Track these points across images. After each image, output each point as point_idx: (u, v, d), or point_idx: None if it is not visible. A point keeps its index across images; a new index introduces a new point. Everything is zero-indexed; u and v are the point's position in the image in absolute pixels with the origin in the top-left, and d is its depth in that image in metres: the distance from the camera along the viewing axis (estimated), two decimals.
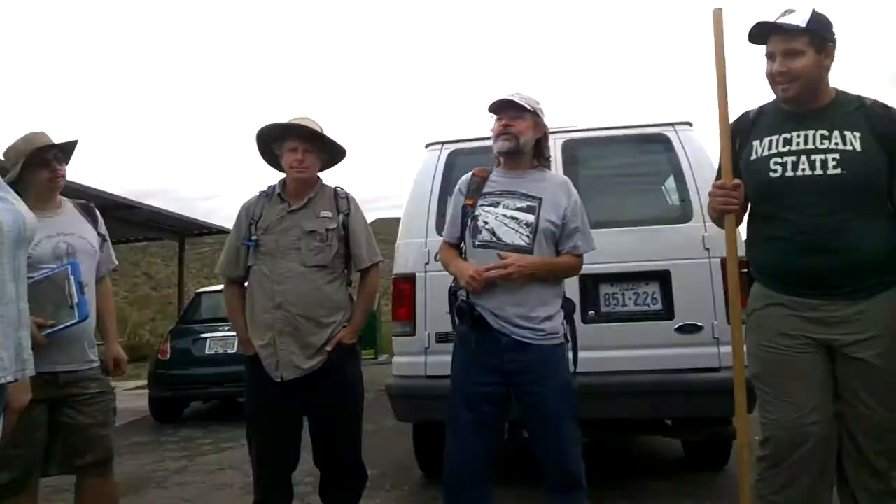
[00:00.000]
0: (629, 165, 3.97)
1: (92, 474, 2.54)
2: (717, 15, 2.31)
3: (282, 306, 2.68)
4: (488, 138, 2.66)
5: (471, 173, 2.70)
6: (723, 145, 2.31)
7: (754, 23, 2.18)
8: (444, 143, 3.88)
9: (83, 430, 2.49)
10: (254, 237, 2.77)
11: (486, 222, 2.52)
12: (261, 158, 2.95)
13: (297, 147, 2.75)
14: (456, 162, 3.76)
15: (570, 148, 3.79)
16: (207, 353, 7.28)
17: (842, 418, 2.14)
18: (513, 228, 2.48)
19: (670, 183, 3.80)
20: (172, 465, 5.38)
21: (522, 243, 2.46)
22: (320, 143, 2.84)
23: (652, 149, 3.82)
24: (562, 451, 2.42)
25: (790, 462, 2.11)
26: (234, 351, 6.64)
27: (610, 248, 3.49)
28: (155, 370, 7.49)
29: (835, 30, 2.16)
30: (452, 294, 2.58)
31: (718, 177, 2.37)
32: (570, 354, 2.58)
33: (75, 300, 2.38)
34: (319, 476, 2.87)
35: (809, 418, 2.10)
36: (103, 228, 2.77)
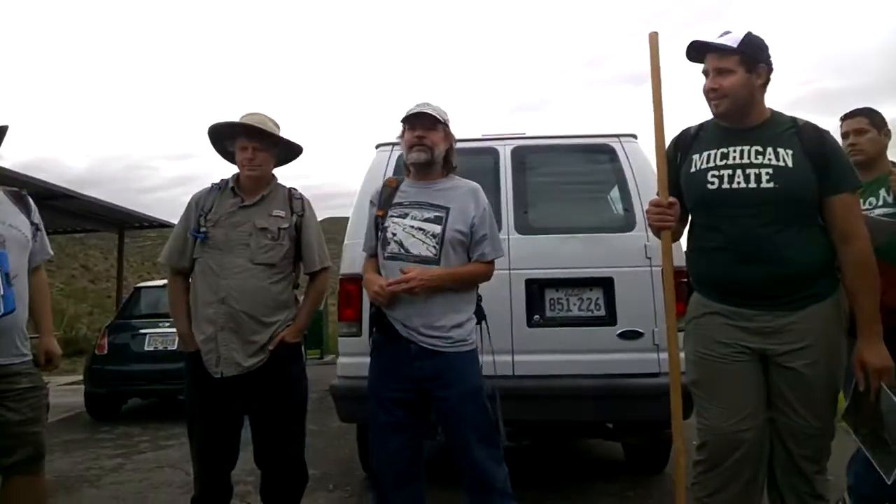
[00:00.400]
0: (576, 174, 4.05)
1: (21, 472, 2.44)
2: (653, 39, 2.40)
3: (225, 301, 2.65)
4: None
5: (382, 184, 2.76)
6: (659, 162, 2.38)
7: (690, 41, 2.29)
8: (394, 144, 3.85)
9: (12, 427, 2.39)
10: (203, 229, 2.72)
11: (394, 234, 2.57)
12: (215, 153, 2.94)
13: (247, 146, 2.73)
14: None
15: (519, 154, 3.85)
16: (147, 349, 7.07)
17: (773, 424, 2.23)
18: (419, 239, 2.53)
19: (615, 193, 3.89)
20: (108, 463, 5.21)
21: (429, 254, 2.51)
22: (271, 142, 2.81)
23: (598, 159, 3.90)
24: (473, 455, 2.48)
25: (725, 467, 2.19)
26: (174, 348, 6.49)
27: (556, 254, 3.57)
28: (91, 365, 7.22)
29: (770, 53, 2.25)
30: (372, 303, 2.64)
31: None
32: (487, 358, 2.67)
33: (1, 292, 2.29)
34: (261, 475, 2.85)
35: (743, 424, 2.19)
36: (37, 217, 2.67)
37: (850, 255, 2.17)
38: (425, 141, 2.58)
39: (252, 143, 2.73)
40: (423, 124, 2.59)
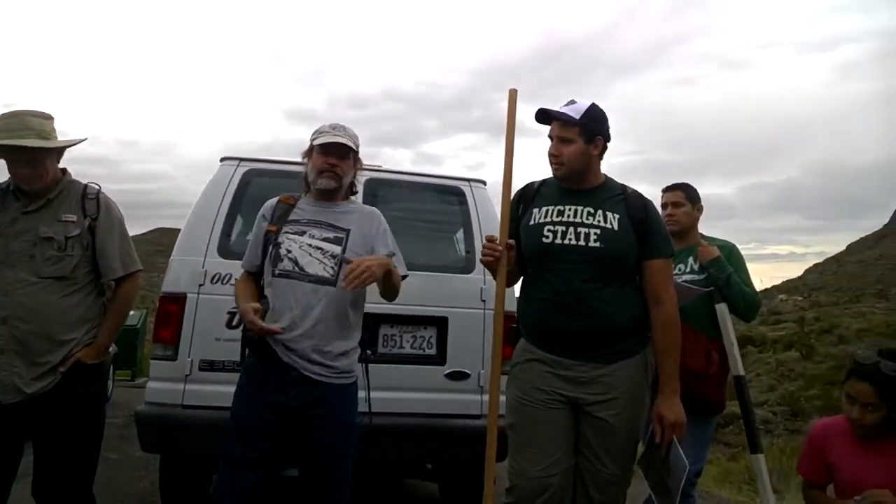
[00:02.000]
0: (425, 212, 4.11)
1: None
2: (512, 94, 2.54)
3: (7, 321, 2.32)
4: (290, 162, 2.56)
5: (276, 199, 2.60)
6: (503, 207, 2.52)
7: (538, 108, 2.44)
8: (241, 159, 3.67)
9: None
10: None
11: (288, 251, 2.43)
12: None
13: (17, 159, 2.36)
14: (251, 181, 3.57)
15: (371, 186, 3.82)
16: None
17: (577, 471, 2.35)
18: (317, 259, 2.42)
19: (460, 234, 3.98)
20: None
21: (326, 274, 2.41)
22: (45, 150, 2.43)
23: (448, 200, 3.98)
24: (333, 494, 2.39)
25: None
26: None
27: None
28: None
29: (608, 125, 2.45)
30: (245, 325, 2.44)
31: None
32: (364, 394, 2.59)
33: None
34: None
35: (551, 470, 2.28)
36: None
37: (659, 316, 2.36)
38: (337, 169, 2.48)
39: (22, 157, 2.35)
40: (337, 152, 2.49)
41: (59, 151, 2.50)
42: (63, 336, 2.40)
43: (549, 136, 2.44)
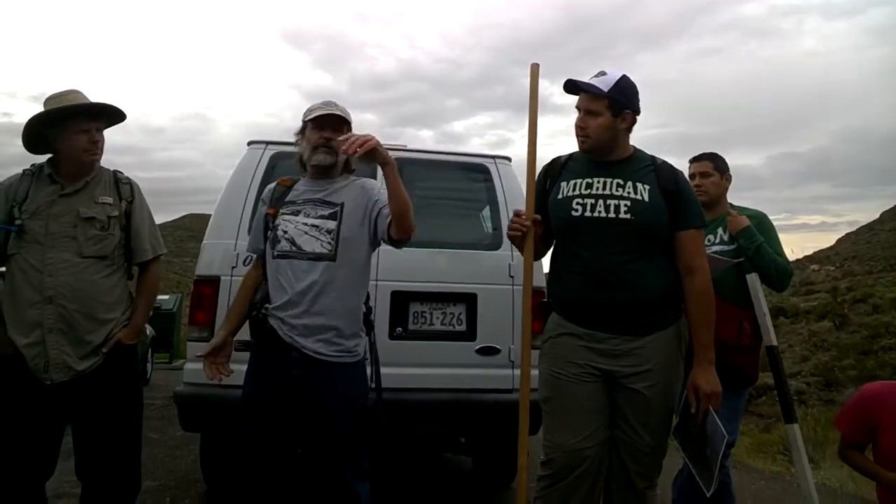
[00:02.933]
0: (451, 190, 4.11)
1: None
2: (534, 69, 2.52)
3: (53, 300, 2.39)
4: None
5: (275, 183, 2.64)
6: (529, 182, 2.52)
7: (566, 79, 2.42)
8: (268, 143, 3.72)
9: None
10: (18, 221, 2.42)
11: (285, 231, 2.45)
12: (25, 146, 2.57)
13: (89, 128, 2.48)
14: (278, 164, 3.61)
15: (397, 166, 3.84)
16: None
17: (613, 442, 2.36)
18: (314, 236, 2.44)
19: (486, 212, 3.99)
20: None
21: (324, 251, 2.42)
22: (109, 118, 2.60)
23: (473, 177, 3.99)
24: (343, 473, 2.40)
25: (566, 482, 2.29)
26: None
27: (424, 268, 3.59)
28: None
29: (637, 99, 2.42)
30: (252, 305, 2.50)
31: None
32: (370, 370, 2.58)
33: None
34: (82, 488, 2.56)
35: (587, 442, 2.29)
36: None
37: (693, 287, 2.35)
38: (332, 143, 2.47)
39: (95, 124, 2.49)
40: (331, 125, 2.49)
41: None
42: (104, 315, 2.48)
43: (577, 108, 2.42)
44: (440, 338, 3.54)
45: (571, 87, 2.42)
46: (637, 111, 2.42)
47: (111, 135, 2.76)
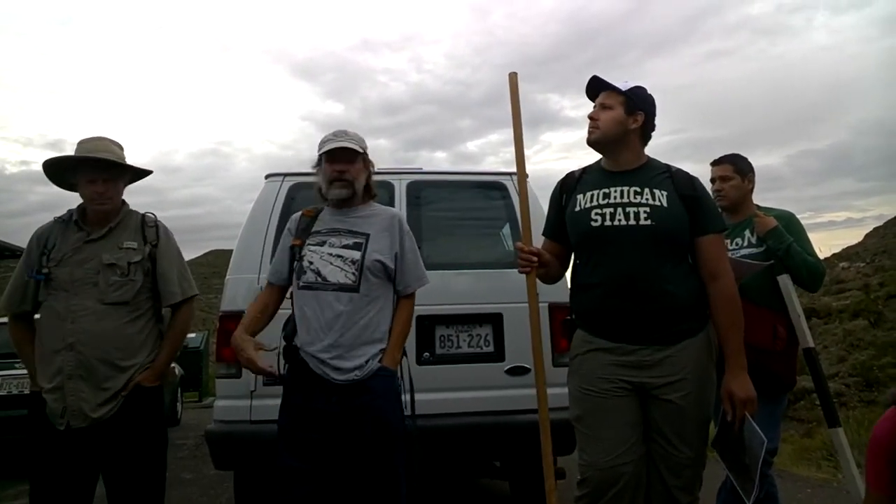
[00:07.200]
0: (470, 210, 4.10)
1: None
2: (513, 79, 2.51)
3: (74, 347, 2.41)
4: None
5: (300, 213, 2.64)
6: (522, 205, 2.50)
7: (590, 77, 2.47)
8: (285, 175, 3.75)
9: None
10: (44, 269, 2.46)
11: (311, 262, 2.45)
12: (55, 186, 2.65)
13: (95, 179, 2.51)
14: (297, 195, 3.64)
15: (414, 189, 3.84)
16: None
17: (650, 457, 2.30)
18: (338, 266, 2.43)
19: (506, 229, 3.96)
20: None
21: (348, 281, 2.42)
22: (121, 170, 2.60)
23: (491, 195, 3.97)
24: (382, 499, 2.36)
25: (604, 501, 2.23)
26: (28, 391, 5.83)
27: (448, 290, 3.56)
28: None
29: (653, 108, 2.43)
30: (284, 337, 2.48)
31: (546, 229, 2.58)
32: (406, 398, 2.55)
33: None
34: None
35: (622, 458, 2.23)
36: None
37: (717, 292, 2.30)
38: (346, 175, 2.48)
39: (101, 176, 2.51)
40: (344, 158, 2.50)
41: (127, 180, 2.65)
42: (125, 362, 2.48)
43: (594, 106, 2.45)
44: (468, 360, 3.51)
45: (593, 86, 2.45)
46: (651, 116, 2.42)
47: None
